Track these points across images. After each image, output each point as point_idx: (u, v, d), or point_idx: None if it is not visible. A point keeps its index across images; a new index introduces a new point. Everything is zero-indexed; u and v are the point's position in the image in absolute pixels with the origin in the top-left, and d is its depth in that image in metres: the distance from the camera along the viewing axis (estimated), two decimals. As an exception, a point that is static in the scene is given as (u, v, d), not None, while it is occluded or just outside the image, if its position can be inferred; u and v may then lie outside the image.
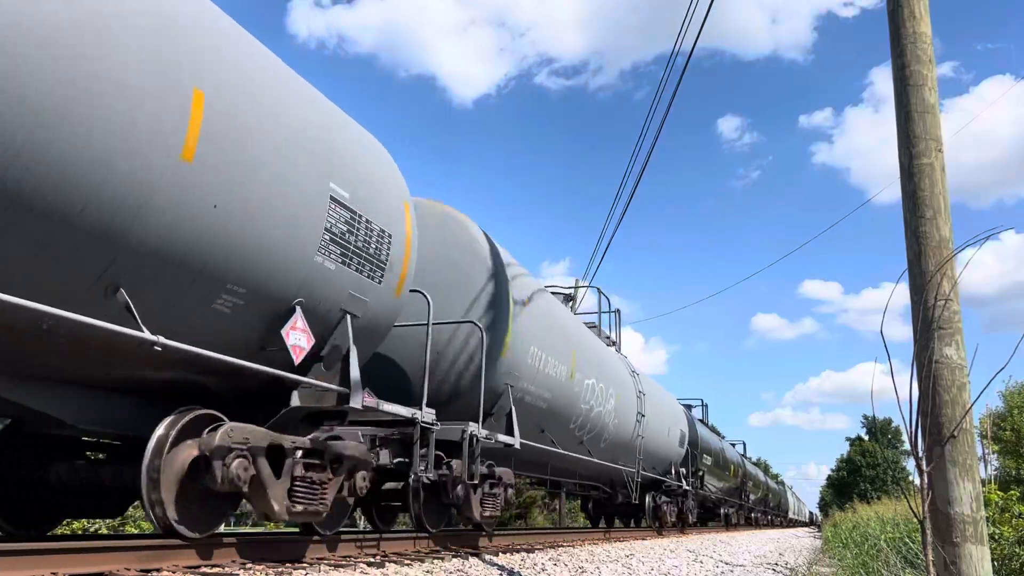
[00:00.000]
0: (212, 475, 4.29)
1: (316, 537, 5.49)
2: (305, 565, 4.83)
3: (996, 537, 7.44)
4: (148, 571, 3.95)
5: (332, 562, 5.14)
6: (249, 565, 4.54)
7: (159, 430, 4.27)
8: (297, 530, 5.73)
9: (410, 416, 6.13)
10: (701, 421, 25.04)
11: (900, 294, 4.59)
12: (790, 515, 58.27)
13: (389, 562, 5.48)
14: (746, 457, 35.97)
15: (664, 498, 16.56)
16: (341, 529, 5.92)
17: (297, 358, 4.75)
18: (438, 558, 6.13)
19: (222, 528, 4.87)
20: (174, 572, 4.03)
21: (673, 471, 17.11)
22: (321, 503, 5.10)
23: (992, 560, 4.60)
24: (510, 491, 8.21)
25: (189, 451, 4.37)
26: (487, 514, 7.64)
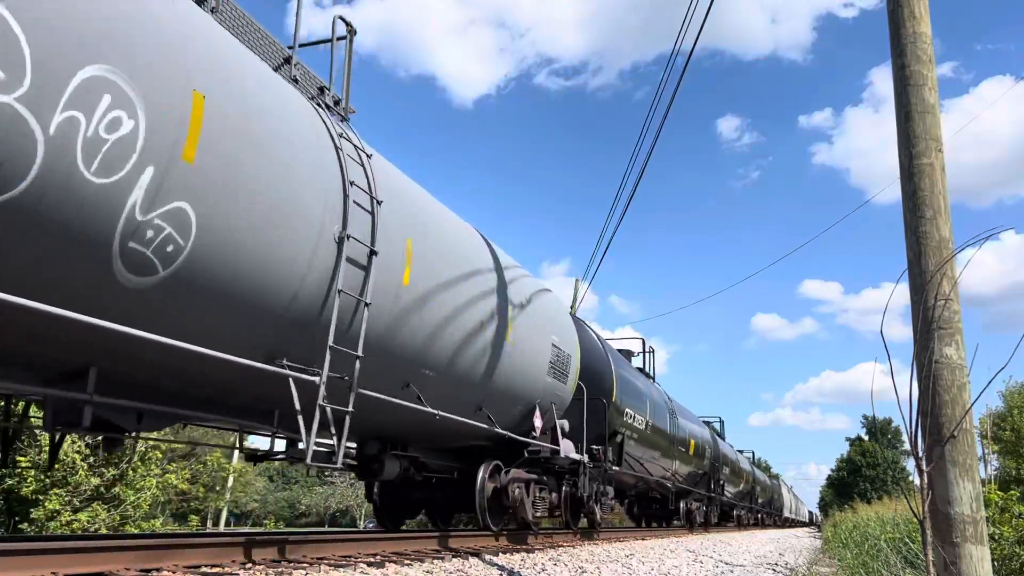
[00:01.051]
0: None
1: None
2: (305, 565, 4.83)
3: (996, 537, 7.45)
4: (148, 571, 3.95)
5: (332, 562, 5.14)
6: (249, 565, 4.54)
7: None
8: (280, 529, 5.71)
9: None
10: (641, 371, 16.46)
11: (900, 294, 4.59)
12: (786, 514, 51.52)
13: (389, 562, 5.48)
14: (720, 436, 29.56)
15: (519, 474, 8.44)
16: (348, 529, 5.90)
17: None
18: (438, 558, 6.13)
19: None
20: (174, 572, 4.03)
21: (537, 423, 8.84)
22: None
23: (992, 560, 4.60)
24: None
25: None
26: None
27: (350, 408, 5.13)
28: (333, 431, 5.05)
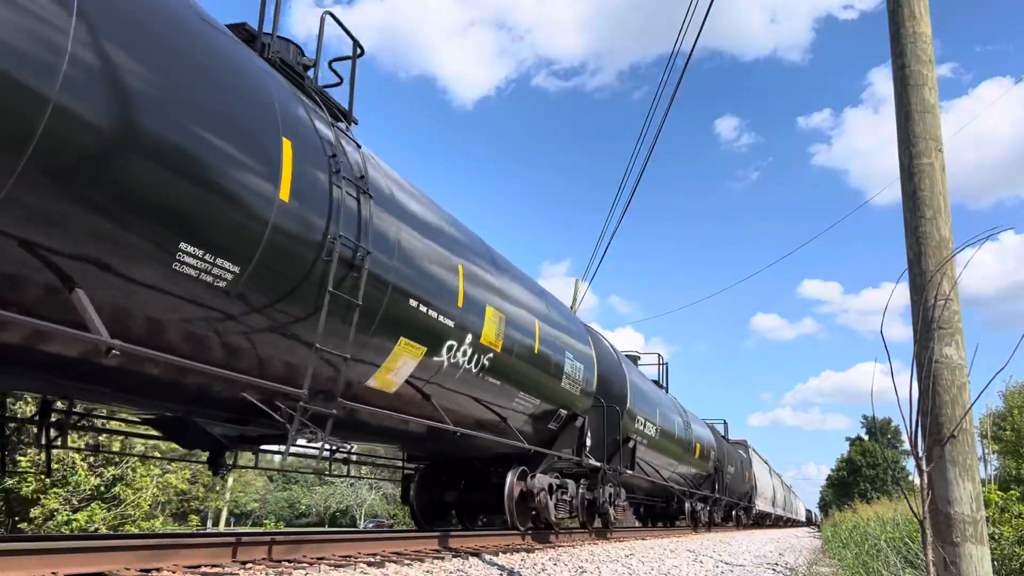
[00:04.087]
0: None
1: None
2: (305, 565, 4.83)
3: (996, 537, 7.45)
4: (148, 571, 3.95)
5: (332, 562, 5.14)
6: (249, 565, 4.54)
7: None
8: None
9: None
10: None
11: (900, 294, 4.59)
12: (761, 507, 33.37)
13: (389, 562, 5.48)
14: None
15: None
16: (349, 529, 5.91)
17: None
18: (438, 558, 6.13)
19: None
20: (174, 572, 4.03)
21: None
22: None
23: (992, 560, 4.60)
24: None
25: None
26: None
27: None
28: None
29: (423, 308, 5.97)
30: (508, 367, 7.55)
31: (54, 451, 14.11)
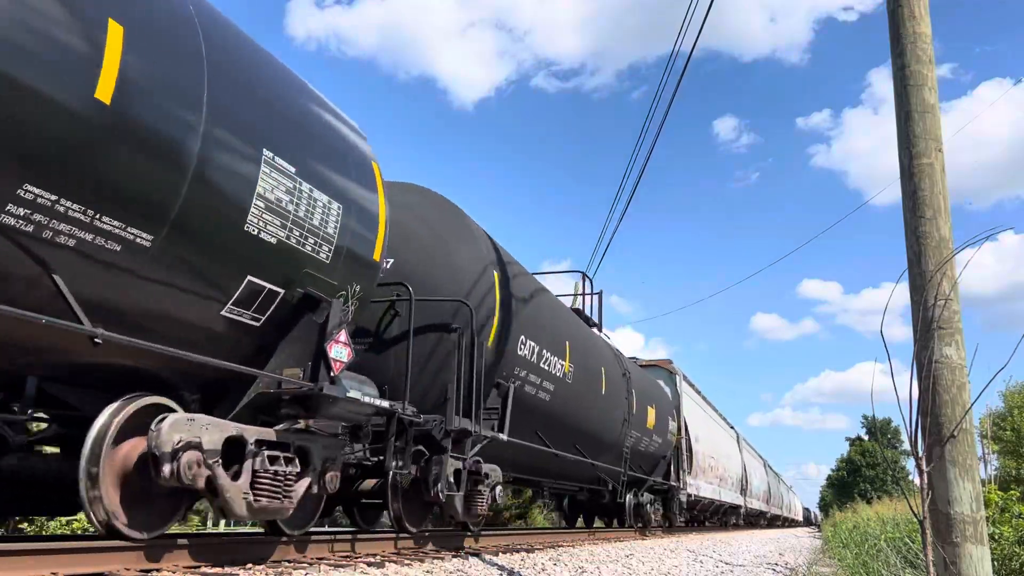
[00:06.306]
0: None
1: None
2: (305, 565, 4.83)
3: (996, 537, 7.45)
4: (148, 571, 3.95)
5: (332, 562, 5.14)
6: (249, 565, 4.54)
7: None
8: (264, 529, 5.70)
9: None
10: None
11: (900, 294, 4.59)
12: (707, 493, 19.67)
13: (389, 562, 5.48)
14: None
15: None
16: (348, 529, 5.90)
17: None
18: (438, 558, 6.13)
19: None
20: (174, 572, 4.03)
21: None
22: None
23: (992, 560, 4.60)
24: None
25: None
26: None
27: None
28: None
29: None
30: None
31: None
